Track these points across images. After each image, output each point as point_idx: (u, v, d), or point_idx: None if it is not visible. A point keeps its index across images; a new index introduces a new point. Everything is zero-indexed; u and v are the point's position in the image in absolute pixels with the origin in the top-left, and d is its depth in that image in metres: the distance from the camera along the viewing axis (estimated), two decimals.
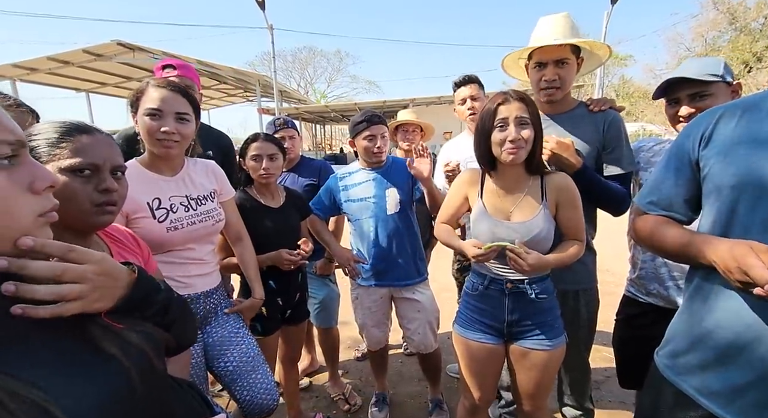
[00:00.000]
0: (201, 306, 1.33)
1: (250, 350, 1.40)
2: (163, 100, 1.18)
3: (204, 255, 1.33)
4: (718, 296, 0.87)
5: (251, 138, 1.67)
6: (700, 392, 0.89)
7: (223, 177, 1.45)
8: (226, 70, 10.56)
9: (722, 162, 0.87)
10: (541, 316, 1.30)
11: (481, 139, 1.28)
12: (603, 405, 2.10)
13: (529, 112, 1.22)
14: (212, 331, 1.37)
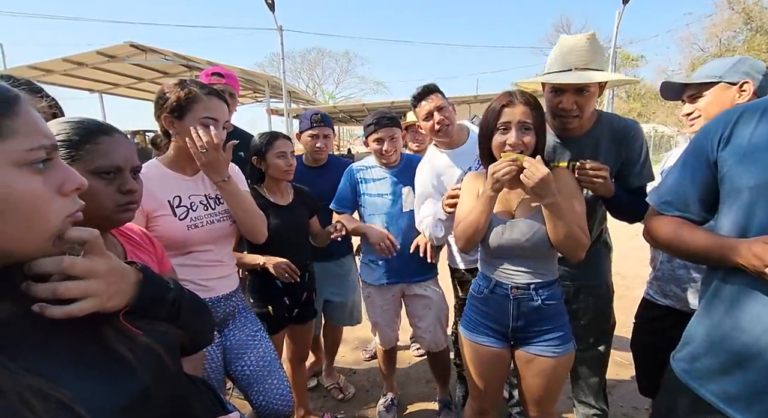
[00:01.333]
0: (221, 309, 1.33)
1: (267, 354, 1.39)
2: (219, 109, 1.23)
3: (223, 257, 1.34)
4: (738, 298, 0.85)
5: (272, 136, 1.68)
6: (719, 397, 0.87)
7: (237, 174, 1.45)
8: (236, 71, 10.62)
9: (741, 163, 0.85)
10: (548, 322, 1.28)
11: (484, 139, 1.29)
12: (614, 410, 2.06)
13: (533, 117, 1.21)
14: (231, 334, 1.37)
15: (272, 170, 1.67)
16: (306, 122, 2.03)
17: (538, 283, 1.27)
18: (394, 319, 2.01)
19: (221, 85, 1.93)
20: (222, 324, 1.36)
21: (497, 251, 1.29)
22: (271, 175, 1.69)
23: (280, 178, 1.69)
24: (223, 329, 1.37)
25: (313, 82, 38.50)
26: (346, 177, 1.96)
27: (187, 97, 1.19)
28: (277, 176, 1.68)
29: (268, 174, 1.69)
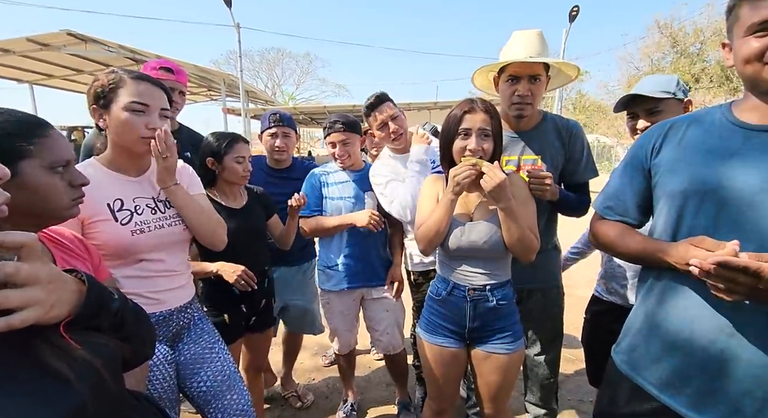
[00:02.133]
0: (174, 323, 1.22)
1: (226, 368, 1.29)
2: (150, 94, 1.10)
3: (176, 266, 1.23)
4: (668, 293, 0.94)
5: (233, 139, 1.61)
6: (653, 384, 0.95)
7: (191, 174, 1.36)
8: (189, 67, 10.08)
9: (670, 170, 0.95)
10: (501, 321, 1.34)
11: (445, 144, 1.34)
12: (563, 404, 2.18)
13: (491, 124, 1.28)
14: (185, 348, 1.26)
15: (228, 174, 1.60)
16: (265, 122, 1.99)
17: (494, 284, 1.32)
18: (353, 323, 2.01)
19: (170, 81, 1.81)
20: (176, 338, 1.26)
21: (456, 252, 1.33)
22: (225, 179, 1.62)
23: (235, 183, 1.63)
24: (176, 344, 1.26)
25: (272, 83, 37.49)
26: (310, 181, 1.92)
27: (110, 83, 1.07)
28: (233, 181, 1.62)
29: (222, 177, 1.62)
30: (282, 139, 1.98)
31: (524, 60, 1.43)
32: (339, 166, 1.92)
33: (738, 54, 0.84)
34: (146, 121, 1.09)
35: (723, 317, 0.83)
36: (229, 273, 1.51)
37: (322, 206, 1.89)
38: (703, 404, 0.86)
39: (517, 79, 1.47)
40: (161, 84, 1.16)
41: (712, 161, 0.87)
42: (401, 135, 1.81)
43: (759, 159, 0.81)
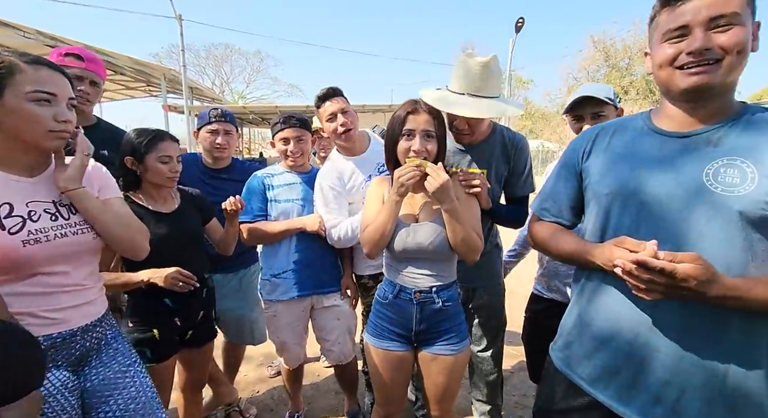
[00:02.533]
0: (79, 344, 1.06)
1: (142, 394, 1.14)
2: (55, 82, 0.97)
3: (83, 279, 1.07)
4: (598, 293, 0.98)
5: (156, 136, 1.45)
6: (585, 379, 0.99)
7: (104, 175, 1.20)
8: (123, 59, 9.27)
9: (599, 173, 0.99)
10: (447, 322, 1.35)
11: (390, 145, 1.33)
12: (508, 399, 2.25)
13: (435, 126, 1.29)
14: (92, 373, 1.10)
15: (152, 175, 1.45)
16: (205, 117, 1.86)
17: (439, 286, 1.33)
18: (302, 335, 1.92)
19: (78, 69, 1.60)
20: (81, 362, 1.09)
21: (402, 254, 1.31)
22: (149, 181, 1.47)
23: (161, 185, 1.48)
24: (82, 368, 1.10)
25: (220, 80, 35.78)
26: (251, 184, 1.80)
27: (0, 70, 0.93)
28: (158, 183, 1.47)
29: (146, 179, 1.47)
30: (223, 137, 1.86)
31: (464, 115, 1.38)
32: (287, 165, 1.83)
33: (654, 60, 0.89)
34: (54, 113, 0.96)
35: (645, 313, 0.87)
36: (161, 278, 1.37)
37: (266, 211, 1.78)
38: (628, 395, 0.90)
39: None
40: (62, 70, 1.02)
41: (634, 166, 0.92)
42: (349, 131, 1.72)
43: (674, 164, 0.87)
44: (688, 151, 0.86)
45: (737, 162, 0.79)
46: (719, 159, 0.81)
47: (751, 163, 0.78)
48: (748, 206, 0.76)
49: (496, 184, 1.60)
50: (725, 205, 0.78)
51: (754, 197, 0.76)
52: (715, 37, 0.78)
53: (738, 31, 0.78)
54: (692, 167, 0.83)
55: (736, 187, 0.78)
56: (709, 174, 0.81)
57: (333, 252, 1.90)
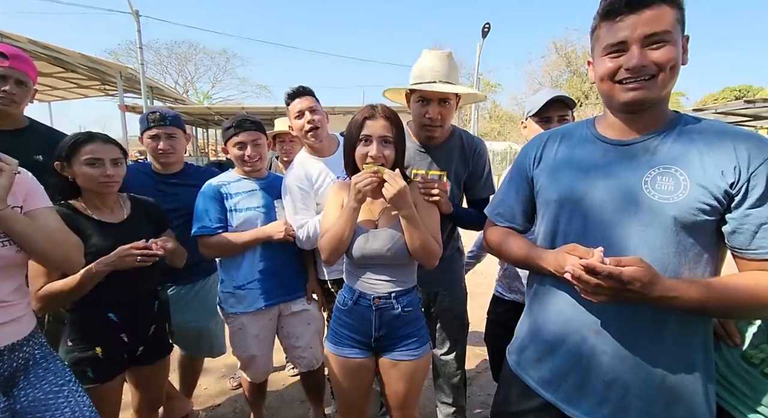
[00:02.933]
0: (4, 364, 1.00)
1: (78, 414, 1.07)
2: None
3: (6, 295, 1.00)
4: (548, 297, 1.00)
5: (82, 138, 1.33)
6: (537, 382, 1.01)
7: (30, 182, 1.12)
8: (75, 56, 8.66)
9: (547, 180, 1.02)
10: (407, 328, 1.34)
11: (347, 149, 1.32)
12: (474, 399, 2.28)
13: (393, 132, 1.28)
14: (20, 394, 1.04)
15: (82, 181, 1.34)
16: (144, 122, 1.75)
17: (399, 291, 1.32)
18: (270, 346, 1.85)
19: (2, 68, 1.48)
20: (9, 383, 1.03)
21: (361, 260, 1.30)
22: (83, 187, 1.37)
23: (96, 192, 1.37)
24: (10, 389, 1.03)
25: (183, 80, 34.41)
26: (208, 194, 1.69)
27: None
28: (92, 189, 1.35)
29: (81, 185, 1.36)
30: (166, 141, 1.75)
31: (432, 90, 1.45)
32: (244, 172, 1.76)
33: (596, 72, 0.92)
34: None
35: (592, 316, 0.90)
36: (113, 262, 1.26)
37: (226, 221, 1.70)
38: (577, 397, 0.93)
39: (427, 101, 1.49)
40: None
41: (579, 173, 0.95)
42: (316, 129, 1.71)
43: (615, 172, 0.90)
44: (628, 159, 0.89)
45: (671, 170, 0.83)
46: (656, 167, 0.85)
47: (684, 171, 0.82)
48: (681, 212, 0.81)
49: (455, 186, 1.61)
50: (661, 212, 0.82)
51: (687, 204, 0.80)
52: (650, 53, 0.82)
53: (670, 48, 0.82)
54: (632, 175, 0.87)
55: (671, 195, 0.82)
56: (647, 182, 0.85)
57: (298, 259, 1.86)
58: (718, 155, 0.81)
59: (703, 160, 0.82)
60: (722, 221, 0.82)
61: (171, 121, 1.77)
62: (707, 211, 0.80)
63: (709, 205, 0.80)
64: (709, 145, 0.83)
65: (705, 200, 0.80)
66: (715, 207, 0.80)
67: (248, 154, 1.69)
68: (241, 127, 1.67)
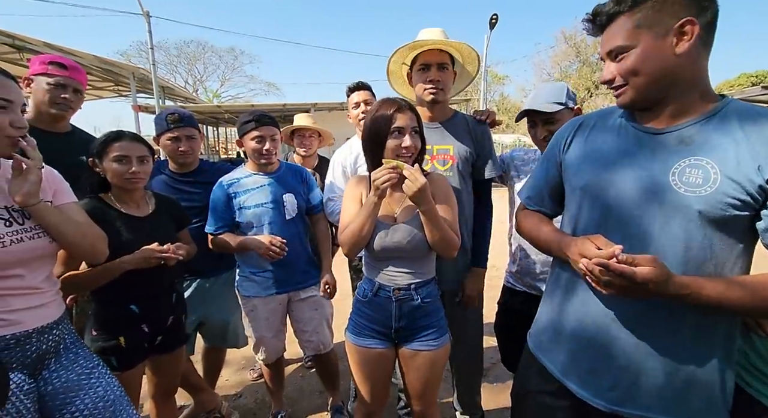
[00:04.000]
0: (34, 346, 1.05)
1: (109, 393, 1.14)
2: (7, 87, 0.96)
3: (38, 283, 1.06)
4: (570, 283, 1.00)
5: (112, 136, 1.39)
6: (553, 364, 1.02)
7: (58, 180, 1.19)
8: (88, 58, 8.82)
9: (575, 167, 1.00)
10: (426, 319, 1.35)
11: (374, 144, 1.30)
12: (490, 389, 2.29)
13: (418, 123, 1.31)
14: (52, 376, 1.09)
15: (111, 177, 1.39)
16: (162, 124, 1.77)
17: (418, 283, 1.33)
18: (280, 328, 1.90)
19: (63, 78, 1.61)
20: (37, 365, 1.08)
21: (381, 253, 1.31)
22: (113, 183, 1.42)
23: (123, 187, 1.42)
24: (40, 372, 1.08)
25: (193, 79, 34.73)
26: (216, 194, 1.76)
27: None
28: (120, 185, 1.41)
29: (110, 181, 1.42)
30: (186, 143, 1.78)
31: (432, 43, 1.55)
32: (257, 166, 1.79)
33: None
34: (10, 119, 0.95)
35: (610, 303, 0.90)
36: (138, 260, 1.33)
37: (232, 220, 1.77)
38: (590, 381, 0.93)
39: (428, 67, 1.58)
40: (13, 76, 1.00)
41: (607, 161, 0.93)
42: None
43: (644, 161, 0.87)
44: (659, 149, 0.86)
45: (702, 162, 0.80)
46: (687, 158, 0.82)
47: (716, 163, 0.78)
48: (707, 206, 0.78)
49: (461, 163, 1.64)
50: (686, 205, 0.80)
51: (715, 198, 0.77)
52: (617, 66, 0.87)
53: (626, 59, 0.84)
54: (661, 166, 0.84)
55: (699, 188, 0.79)
56: (675, 173, 0.82)
57: (309, 250, 1.91)
58: (758, 148, 0.76)
59: (739, 152, 0.77)
60: (757, 216, 0.77)
61: (188, 122, 1.80)
62: (738, 206, 0.76)
63: (740, 201, 0.76)
64: (749, 137, 0.77)
65: (735, 195, 0.76)
66: (748, 202, 0.76)
67: (266, 148, 1.73)
68: (260, 121, 1.72)
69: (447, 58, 1.59)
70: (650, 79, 0.83)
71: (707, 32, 0.80)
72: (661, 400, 0.86)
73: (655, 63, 0.82)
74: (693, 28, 0.78)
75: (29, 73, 1.62)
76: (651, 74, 0.83)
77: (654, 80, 0.83)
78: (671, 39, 0.80)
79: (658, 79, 0.83)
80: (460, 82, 1.76)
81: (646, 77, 0.83)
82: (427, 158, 1.63)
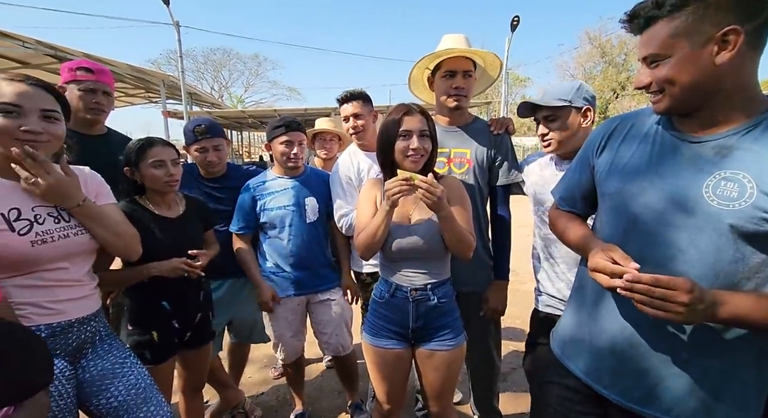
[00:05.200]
0: (74, 335, 1.14)
1: (140, 381, 1.22)
2: (22, 94, 1.01)
3: (81, 276, 1.15)
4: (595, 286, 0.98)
5: (146, 143, 1.48)
6: (577, 366, 1.01)
7: (99, 183, 1.27)
8: (123, 67, 9.29)
9: (607, 172, 0.99)
10: (443, 319, 1.36)
11: (385, 147, 1.34)
12: (509, 394, 2.26)
13: (428, 126, 1.32)
14: (89, 364, 1.17)
15: (150, 182, 1.48)
16: (190, 135, 1.84)
17: (434, 283, 1.34)
18: (299, 329, 1.95)
19: (90, 81, 1.69)
20: (77, 353, 1.16)
21: (397, 254, 1.33)
22: (150, 187, 1.50)
23: (160, 191, 1.50)
24: (79, 360, 1.17)
25: (218, 85, 35.87)
26: (243, 197, 1.84)
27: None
28: (157, 188, 1.49)
29: (147, 186, 1.50)
30: (214, 153, 1.84)
31: (460, 51, 1.58)
32: (284, 170, 1.86)
33: None
34: (20, 123, 1.01)
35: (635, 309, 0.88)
36: (166, 269, 1.42)
37: (256, 222, 1.84)
38: (612, 381, 0.93)
39: (453, 74, 1.61)
40: (46, 84, 1.07)
41: (639, 169, 0.90)
42: (359, 133, 1.95)
43: (678, 171, 0.83)
44: (695, 159, 0.82)
45: (739, 176, 0.76)
46: (722, 171, 0.78)
47: (753, 177, 0.75)
48: (740, 221, 0.74)
49: (478, 167, 1.66)
50: (717, 219, 0.76)
51: (749, 213, 0.74)
52: (653, 72, 0.82)
53: (661, 67, 0.80)
54: (694, 177, 0.81)
55: (733, 202, 0.75)
56: (709, 186, 0.78)
57: (328, 252, 1.96)
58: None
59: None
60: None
61: (214, 133, 1.85)
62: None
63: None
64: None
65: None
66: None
67: (294, 152, 1.80)
68: (290, 127, 1.79)
69: (471, 65, 1.62)
70: (686, 89, 0.79)
71: (756, 37, 0.74)
72: (684, 406, 0.84)
73: (692, 74, 0.77)
74: (737, 37, 0.72)
75: (61, 81, 1.70)
76: (687, 84, 0.79)
77: (691, 90, 0.79)
78: (711, 48, 0.74)
79: (695, 90, 0.79)
80: (479, 85, 1.79)
81: (682, 87, 0.79)
82: (444, 161, 1.66)
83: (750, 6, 0.72)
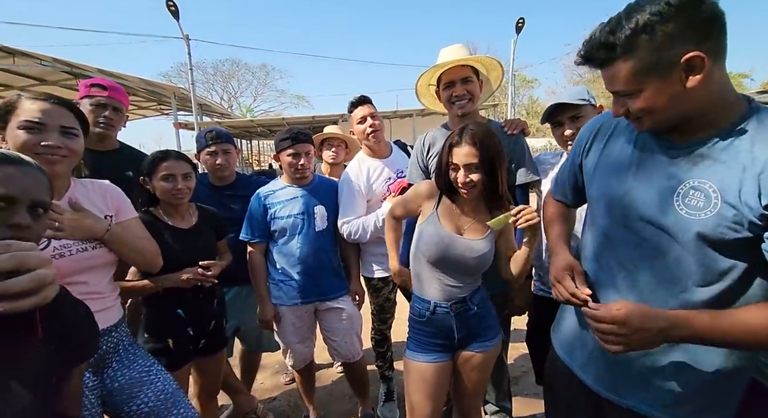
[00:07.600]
0: (100, 346, 1.17)
1: (168, 387, 1.27)
2: (44, 112, 1.07)
3: (101, 288, 1.19)
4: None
5: (159, 156, 1.54)
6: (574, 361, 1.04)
7: (120, 197, 1.32)
8: (135, 81, 9.54)
9: (591, 174, 1.01)
10: (483, 322, 1.41)
11: (442, 169, 1.34)
12: (520, 397, 2.25)
13: (478, 156, 1.25)
14: (116, 374, 1.21)
15: (160, 194, 1.54)
16: (202, 141, 1.94)
17: (471, 292, 1.38)
18: (308, 336, 1.97)
19: (103, 98, 1.76)
20: (100, 364, 1.20)
21: (439, 262, 1.34)
22: (160, 198, 1.56)
23: (170, 202, 1.56)
24: (103, 370, 1.21)
25: (228, 95, 36.46)
26: (253, 205, 1.88)
27: (7, 105, 1.09)
28: (167, 200, 1.55)
29: (158, 196, 1.56)
30: (222, 156, 1.92)
31: (452, 62, 1.63)
32: (292, 179, 1.89)
33: None
34: (41, 139, 1.07)
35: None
36: (178, 280, 1.47)
37: (267, 230, 1.87)
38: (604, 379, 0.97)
39: (452, 84, 1.67)
40: (67, 102, 1.14)
41: (620, 174, 0.91)
42: (377, 132, 1.99)
43: (654, 178, 0.85)
44: (670, 166, 0.83)
45: (706, 186, 0.77)
46: (692, 180, 0.79)
47: (717, 188, 0.75)
48: (706, 230, 0.76)
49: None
50: (685, 227, 0.78)
51: (713, 222, 0.75)
52: (628, 103, 0.81)
53: (635, 100, 0.79)
54: (669, 185, 0.82)
55: (699, 211, 0.77)
56: (679, 194, 0.80)
57: (337, 261, 1.97)
58: (764, 173, 0.70)
59: (743, 177, 0.73)
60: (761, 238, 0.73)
61: (225, 139, 1.95)
62: (738, 229, 0.73)
63: (739, 224, 0.73)
64: (756, 160, 0.72)
65: (735, 220, 0.73)
66: (748, 228, 0.73)
67: (301, 163, 1.83)
68: (296, 139, 1.82)
69: (470, 71, 1.66)
70: (664, 114, 0.79)
71: (717, 51, 0.73)
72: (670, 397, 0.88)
73: (665, 102, 0.77)
74: (702, 61, 0.70)
75: (77, 97, 1.76)
76: (663, 110, 0.78)
77: (668, 114, 0.79)
78: (678, 74, 0.73)
79: (672, 113, 0.78)
80: (487, 86, 1.83)
81: (659, 113, 0.79)
82: None
83: (700, 29, 0.71)
